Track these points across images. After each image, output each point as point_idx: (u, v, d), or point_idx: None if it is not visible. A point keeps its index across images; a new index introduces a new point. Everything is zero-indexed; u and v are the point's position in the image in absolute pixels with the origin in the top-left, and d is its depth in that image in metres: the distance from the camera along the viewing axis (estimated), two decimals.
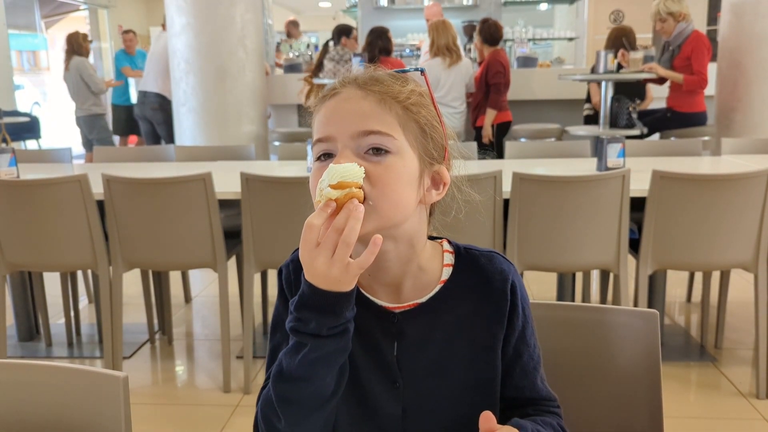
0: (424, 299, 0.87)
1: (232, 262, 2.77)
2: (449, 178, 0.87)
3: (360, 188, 0.75)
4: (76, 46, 6.22)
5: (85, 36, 6.36)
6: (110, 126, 6.56)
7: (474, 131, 4.95)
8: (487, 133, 4.78)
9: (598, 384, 1.04)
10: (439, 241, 0.92)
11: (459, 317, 0.87)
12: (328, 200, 0.73)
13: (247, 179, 2.45)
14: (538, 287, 3.60)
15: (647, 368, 0.99)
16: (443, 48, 4.66)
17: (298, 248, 0.91)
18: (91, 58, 6.62)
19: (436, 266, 0.88)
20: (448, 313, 0.87)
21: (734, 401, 2.46)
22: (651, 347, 0.99)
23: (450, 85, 4.77)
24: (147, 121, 5.81)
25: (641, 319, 1.00)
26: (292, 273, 0.89)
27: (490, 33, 4.82)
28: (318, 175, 0.79)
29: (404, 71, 0.86)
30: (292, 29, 7.47)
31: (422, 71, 0.86)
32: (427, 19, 6.18)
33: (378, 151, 0.79)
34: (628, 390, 1.02)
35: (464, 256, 0.90)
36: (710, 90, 4.31)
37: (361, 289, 0.87)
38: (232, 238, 2.70)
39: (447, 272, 0.88)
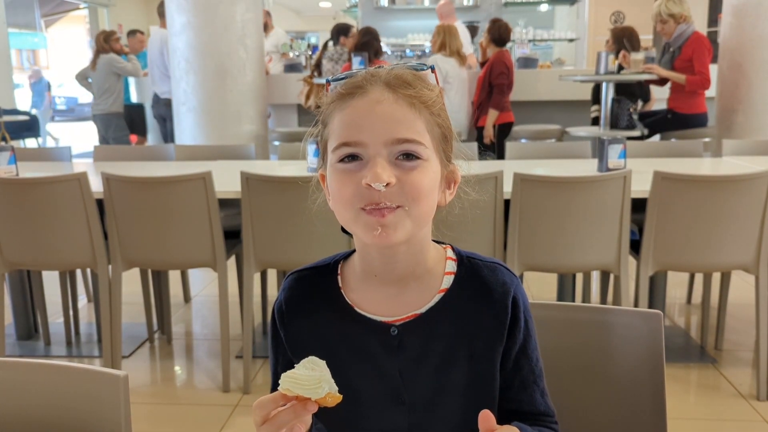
0: (423, 310, 0.85)
1: (231, 262, 2.77)
2: (460, 176, 0.87)
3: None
4: (99, 44, 6.29)
5: (108, 35, 6.41)
6: (126, 125, 6.58)
7: (476, 131, 4.95)
8: (489, 134, 4.78)
9: (601, 385, 1.03)
10: (444, 246, 0.90)
11: (458, 328, 0.85)
12: (283, 393, 0.70)
13: (247, 179, 2.45)
14: (539, 288, 3.59)
15: (650, 369, 0.99)
16: (455, 51, 4.86)
17: (290, 273, 0.91)
18: None
19: (438, 272, 0.87)
20: (448, 324, 0.85)
21: (734, 403, 2.45)
22: (654, 348, 0.98)
23: (459, 83, 4.87)
24: (163, 121, 5.83)
25: (644, 320, 0.99)
26: (284, 303, 0.90)
27: (500, 33, 4.85)
28: (347, 181, 0.77)
29: (418, 69, 0.84)
30: (268, 20, 7.23)
31: (432, 69, 0.85)
32: (440, 15, 6.21)
33: (409, 156, 0.78)
34: (631, 391, 1.01)
35: (467, 265, 0.88)
36: (711, 91, 4.31)
37: (355, 308, 0.86)
38: (232, 237, 2.70)
39: (448, 281, 0.87)
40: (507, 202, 2.44)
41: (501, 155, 4.15)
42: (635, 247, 2.52)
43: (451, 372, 0.85)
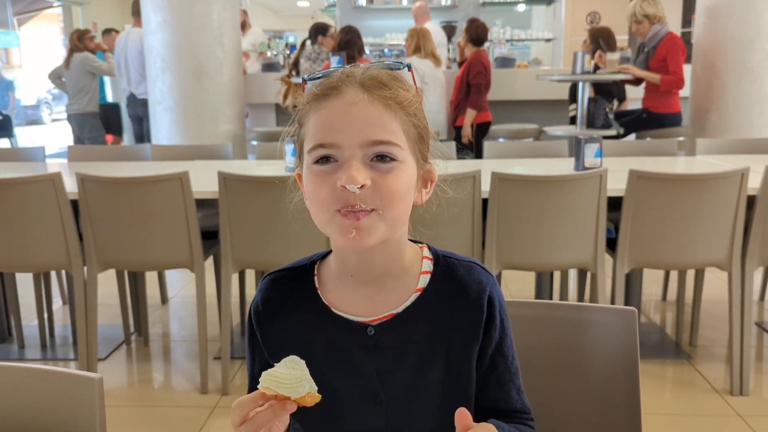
0: (399, 309, 0.85)
1: (210, 263, 2.75)
2: (437, 175, 0.87)
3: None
4: (73, 43, 6.22)
5: (82, 33, 6.32)
6: (102, 125, 6.49)
7: (454, 131, 4.98)
8: (467, 133, 4.81)
9: (578, 381, 1.04)
10: (421, 246, 0.91)
11: (435, 327, 0.85)
12: (262, 393, 0.70)
13: (224, 178, 2.43)
14: (517, 286, 3.62)
15: (625, 365, 1.00)
16: (430, 53, 4.90)
17: (267, 274, 0.91)
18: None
19: (415, 272, 0.87)
20: (424, 323, 0.85)
21: (709, 398, 2.49)
22: (629, 344, 0.99)
23: (436, 84, 4.90)
24: (139, 121, 5.76)
25: (619, 317, 1.01)
26: (260, 304, 0.90)
27: (477, 33, 4.88)
28: (323, 182, 0.77)
29: (394, 68, 0.85)
30: (245, 18, 7.03)
31: (409, 67, 0.86)
32: (415, 16, 6.24)
33: (384, 158, 0.78)
34: (607, 387, 1.02)
35: (443, 264, 0.88)
36: (685, 91, 4.38)
37: (332, 309, 0.87)
38: (210, 238, 2.68)
39: (424, 280, 0.87)
40: (485, 201, 2.46)
41: (479, 154, 4.17)
42: (612, 245, 2.55)
43: (427, 371, 0.85)
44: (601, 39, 4.65)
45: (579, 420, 1.04)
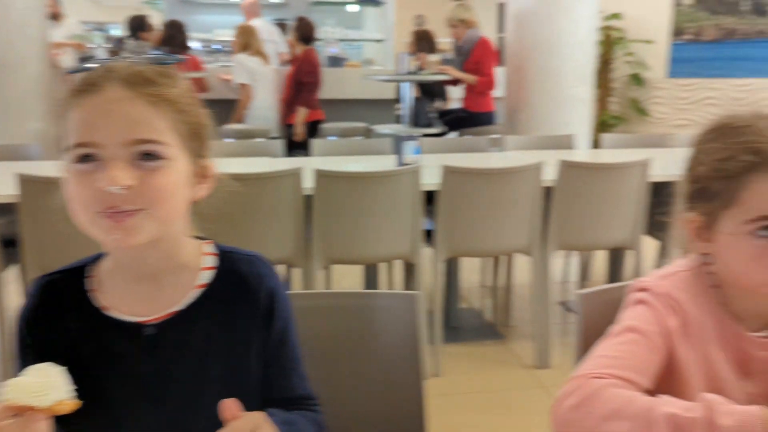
0: (180, 307, 0.85)
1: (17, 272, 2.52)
2: (214, 170, 0.87)
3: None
4: None
5: None
6: None
7: (286, 129, 4.97)
8: (298, 131, 4.83)
9: (366, 366, 1.10)
10: (205, 242, 0.90)
11: (217, 322, 0.85)
12: (7, 405, 0.67)
13: (24, 181, 2.24)
14: (348, 281, 3.69)
15: (410, 347, 1.07)
16: (258, 51, 4.91)
17: (37, 278, 0.87)
18: None
19: (195, 268, 0.87)
20: (206, 319, 0.85)
21: (518, 373, 2.72)
22: (412, 327, 1.06)
23: (266, 81, 4.91)
24: None
25: (403, 301, 1.07)
26: (30, 310, 0.85)
27: (305, 32, 4.91)
28: (83, 183, 0.75)
29: (163, 63, 0.84)
30: (57, 8, 6.36)
31: (180, 61, 0.85)
32: (245, 13, 6.14)
33: (150, 156, 0.77)
34: (393, 369, 1.08)
35: (226, 259, 0.89)
36: (500, 92, 4.72)
37: (104, 311, 0.84)
38: (15, 246, 2.46)
39: (206, 276, 0.87)
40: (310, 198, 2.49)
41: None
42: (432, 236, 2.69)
43: (210, 367, 0.85)
44: (423, 41, 4.88)
45: (367, 403, 1.09)
